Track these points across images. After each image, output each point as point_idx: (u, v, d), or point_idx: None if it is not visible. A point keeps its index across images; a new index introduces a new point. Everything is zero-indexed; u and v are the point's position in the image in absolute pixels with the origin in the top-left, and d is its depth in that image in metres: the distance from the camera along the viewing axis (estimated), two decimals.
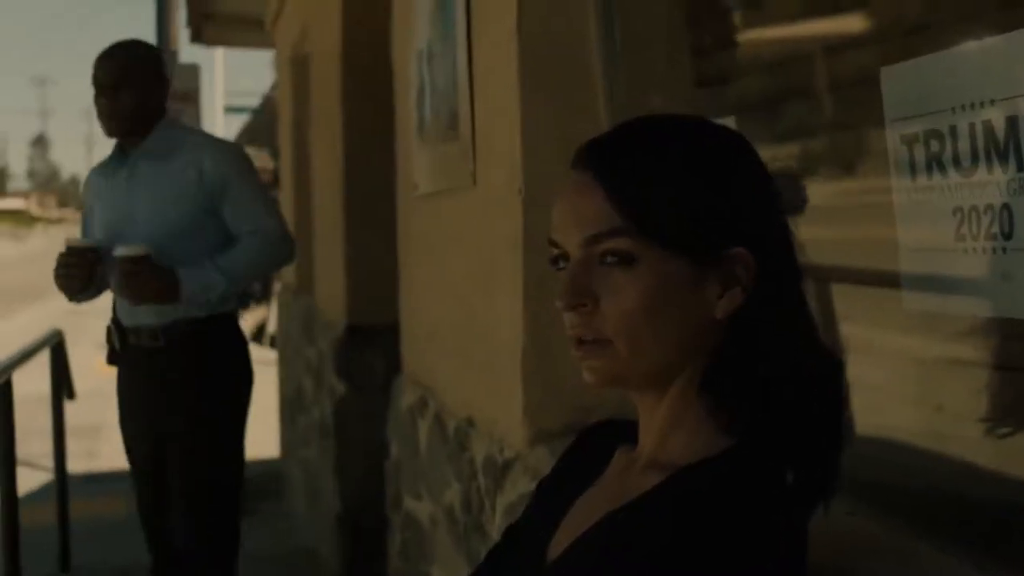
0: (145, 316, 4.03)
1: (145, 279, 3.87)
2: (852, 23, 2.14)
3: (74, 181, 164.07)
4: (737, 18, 2.62)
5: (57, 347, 6.36)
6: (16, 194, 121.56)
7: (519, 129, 2.70)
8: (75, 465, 7.49)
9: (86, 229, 4.31)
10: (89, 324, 20.75)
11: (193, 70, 13.18)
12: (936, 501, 1.81)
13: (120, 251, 3.86)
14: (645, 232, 1.25)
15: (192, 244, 4.01)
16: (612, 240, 1.26)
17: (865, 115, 1.89)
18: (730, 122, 2.25)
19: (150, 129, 4.08)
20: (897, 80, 1.71)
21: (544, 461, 2.62)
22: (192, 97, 12.63)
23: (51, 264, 4.00)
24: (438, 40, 3.35)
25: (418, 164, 3.70)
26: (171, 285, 3.90)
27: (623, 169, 1.27)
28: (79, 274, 3.92)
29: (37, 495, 7.25)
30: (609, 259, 1.26)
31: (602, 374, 1.30)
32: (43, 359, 6.14)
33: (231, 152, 4.25)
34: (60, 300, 4.28)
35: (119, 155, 4.15)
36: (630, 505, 1.26)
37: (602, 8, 2.70)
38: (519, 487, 2.66)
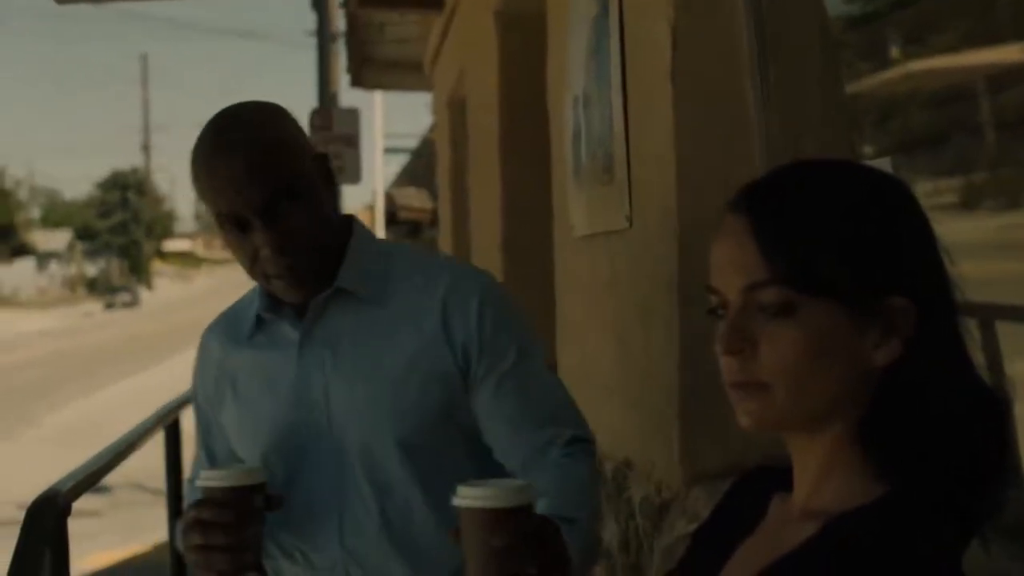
0: None
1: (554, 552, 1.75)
2: (1011, 56, 2.12)
3: None
4: (892, 57, 2.61)
5: None
6: (183, 236, 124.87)
7: (674, 172, 2.72)
8: None
9: (206, 451, 2.40)
10: None
11: (353, 114, 13.42)
12: None
13: (476, 496, 1.70)
14: (802, 282, 1.25)
15: (445, 460, 2.18)
16: (769, 290, 1.26)
17: None
18: (885, 163, 2.24)
19: (336, 253, 2.18)
20: None
21: (702, 503, 2.62)
22: (353, 141, 12.86)
23: (216, 304, 2.70)
24: (593, 85, 3.38)
25: (575, 206, 3.74)
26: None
27: (780, 217, 1.27)
28: (230, 542, 1.98)
29: None
30: (767, 308, 1.27)
31: (757, 418, 1.31)
32: None
33: (489, 285, 2.26)
34: None
35: (271, 305, 2.22)
36: (786, 558, 1.27)
37: (756, 50, 2.70)
38: (677, 529, 2.66)
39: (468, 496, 1.74)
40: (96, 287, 76.39)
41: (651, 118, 2.89)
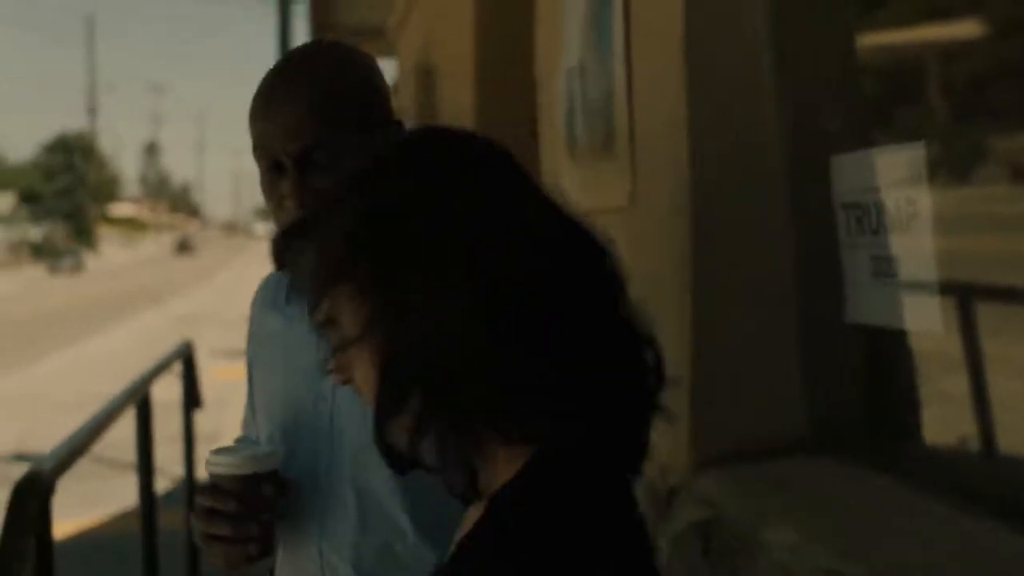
0: None
1: None
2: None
3: (184, 188, 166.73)
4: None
5: (188, 359, 6.44)
6: (129, 200, 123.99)
7: (686, 145, 2.63)
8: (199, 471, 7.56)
9: (251, 405, 2.25)
10: (204, 332, 21.04)
11: None
12: None
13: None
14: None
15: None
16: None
17: None
18: (919, 148, 2.13)
19: None
20: None
21: (712, 487, 2.56)
22: None
23: (162, 269, 2.35)
24: (591, 57, 3.29)
25: (568, 182, 3.65)
26: None
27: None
28: (234, 533, 1.90)
29: (165, 500, 7.32)
30: None
31: None
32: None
33: None
34: (174, 305, 3.13)
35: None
36: (460, 544, 1.19)
37: (772, 18, 2.63)
38: (686, 516, 2.59)
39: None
40: (41, 252, 75.52)
41: (659, 88, 2.80)
